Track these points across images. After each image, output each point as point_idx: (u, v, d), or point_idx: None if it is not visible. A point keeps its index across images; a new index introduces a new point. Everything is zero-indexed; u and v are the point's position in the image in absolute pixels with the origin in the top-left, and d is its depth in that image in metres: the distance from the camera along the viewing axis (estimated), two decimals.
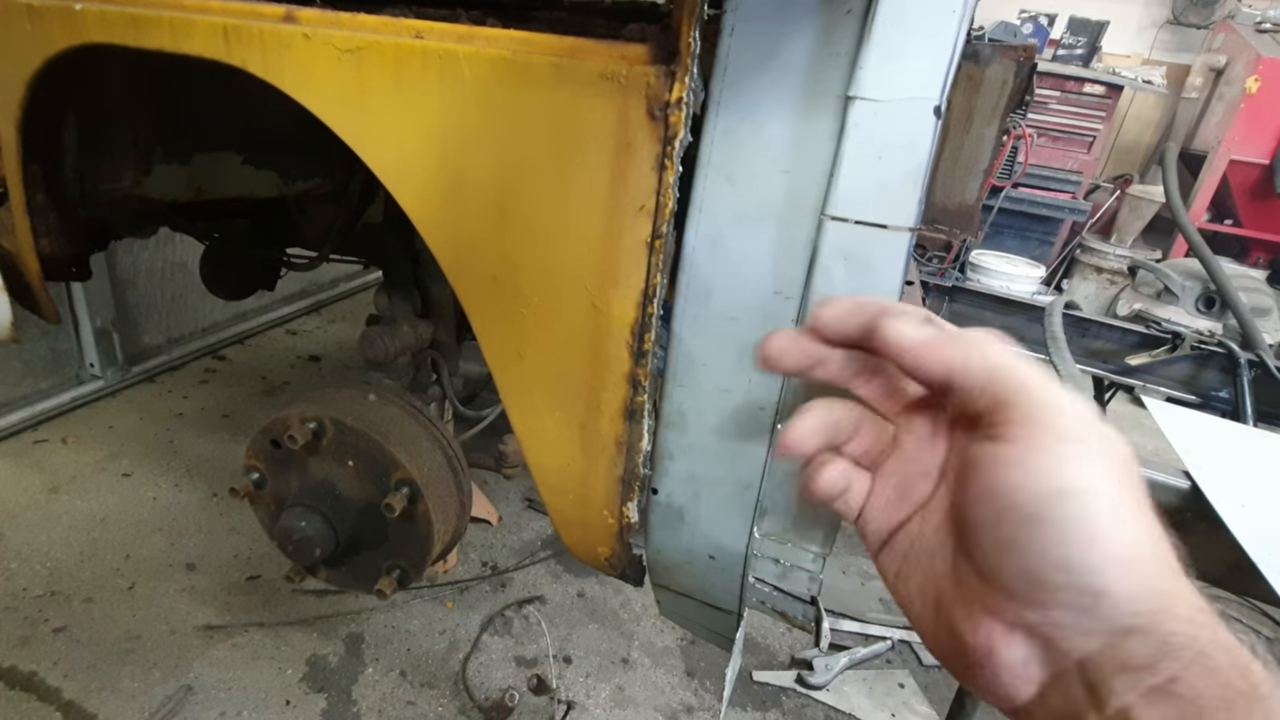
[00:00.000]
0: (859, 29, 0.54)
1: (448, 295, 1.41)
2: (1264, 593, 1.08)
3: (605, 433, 0.70)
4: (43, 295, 1.14)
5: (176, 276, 2.69)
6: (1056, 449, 0.33)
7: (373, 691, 1.61)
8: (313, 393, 1.13)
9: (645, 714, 1.64)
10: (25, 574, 1.78)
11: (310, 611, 1.78)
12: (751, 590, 0.80)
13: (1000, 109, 1.93)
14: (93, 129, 1.09)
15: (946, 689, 1.78)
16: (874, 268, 0.59)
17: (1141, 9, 5.71)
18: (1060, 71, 4.56)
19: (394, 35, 0.66)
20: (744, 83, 0.58)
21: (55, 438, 2.31)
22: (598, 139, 0.60)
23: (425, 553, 1.07)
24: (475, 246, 0.70)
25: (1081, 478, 0.32)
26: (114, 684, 1.54)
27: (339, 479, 1.07)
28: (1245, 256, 4.69)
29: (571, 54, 0.60)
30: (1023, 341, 2.20)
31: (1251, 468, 1.30)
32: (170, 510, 2.06)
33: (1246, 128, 4.28)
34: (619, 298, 0.64)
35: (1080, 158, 4.66)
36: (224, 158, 1.30)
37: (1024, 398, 0.35)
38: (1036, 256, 4.65)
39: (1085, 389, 1.36)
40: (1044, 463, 0.33)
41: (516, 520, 2.21)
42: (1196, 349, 1.95)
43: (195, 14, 0.74)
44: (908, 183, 0.56)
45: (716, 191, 0.62)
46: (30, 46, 0.85)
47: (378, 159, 0.71)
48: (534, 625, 1.83)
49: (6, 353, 2.24)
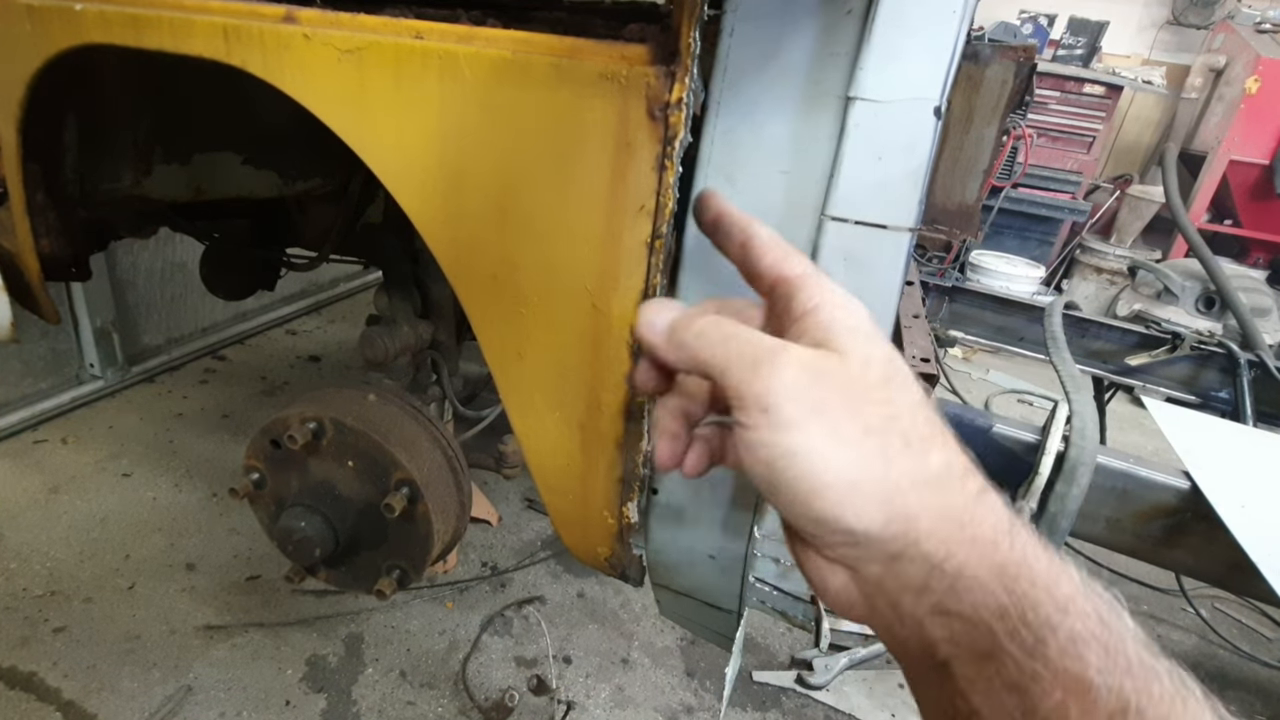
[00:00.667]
0: (859, 29, 0.54)
1: (448, 295, 1.41)
2: (1264, 592, 1.08)
3: (605, 433, 0.70)
4: (42, 295, 1.14)
5: (176, 276, 2.69)
6: (761, 421, 0.34)
7: (373, 692, 1.61)
8: (312, 393, 1.13)
9: (645, 714, 1.64)
10: (25, 574, 1.78)
11: (310, 612, 1.78)
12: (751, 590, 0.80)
13: (1000, 109, 1.93)
14: (93, 129, 1.08)
15: None
16: (874, 268, 0.59)
17: (1141, 9, 5.71)
18: (1060, 72, 4.56)
19: (394, 35, 0.66)
20: (744, 83, 0.58)
21: (55, 438, 2.31)
22: (598, 139, 0.60)
23: (425, 553, 1.07)
24: (475, 246, 0.70)
25: (785, 442, 0.34)
26: (114, 684, 1.54)
27: (339, 479, 1.07)
28: (1245, 257, 4.68)
29: (571, 54, 0.60)
30: (1022, 342, 2.21)
31: (1251, 468, 1.30)
32: (170, 510, 2.06)
33: (1246, 128, 4.28)
34: (619, 298, 0.64)
35: (1080, 158, 4.67)
36: (224, 158, 1.30)
37: (733, 375, 0.36)
38: (1036, 257, 4.65)
39: (1085, 389, 1.36)
40: (755, 437, 0.35)
41: (516, 520, 2.21)
42: (1196, 349, 1.95)
43: (195, 14, 0.74)
44: (908, 183, 0.56)
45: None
46: (30, 47, 0.85)
47: (377, 159, 0.71)
48: (534, 625, 1.83)
49: (6, 353, 2.24)
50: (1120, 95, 4.58)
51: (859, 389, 0.35)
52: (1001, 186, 4.34)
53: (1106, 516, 1.23)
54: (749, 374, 0.35)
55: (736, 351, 0.37)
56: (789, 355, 0.35)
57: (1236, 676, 1.93)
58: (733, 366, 0.36)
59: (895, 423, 0.34)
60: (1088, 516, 1.20)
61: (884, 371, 0.36)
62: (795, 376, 0.35)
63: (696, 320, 0.40)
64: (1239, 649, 2.01)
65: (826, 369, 0.35)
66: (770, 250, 0.43)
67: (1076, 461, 1.15)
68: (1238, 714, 1.62)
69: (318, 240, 1.59)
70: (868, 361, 0.36)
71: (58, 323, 1.29)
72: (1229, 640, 2.05)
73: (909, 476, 0.33)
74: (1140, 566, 2.05)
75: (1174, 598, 2.18)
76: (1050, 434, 1.22)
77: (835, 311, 0.38)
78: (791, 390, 0.34)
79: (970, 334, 2.24)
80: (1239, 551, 1.07)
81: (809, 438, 0.34)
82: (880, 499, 0.33)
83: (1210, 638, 2.07)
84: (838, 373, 0.35)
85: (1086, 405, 1.27)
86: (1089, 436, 1.19)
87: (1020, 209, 4.57)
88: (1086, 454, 1.16)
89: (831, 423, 0.34)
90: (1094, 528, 1.24)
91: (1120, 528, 1.23)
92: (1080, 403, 1.27)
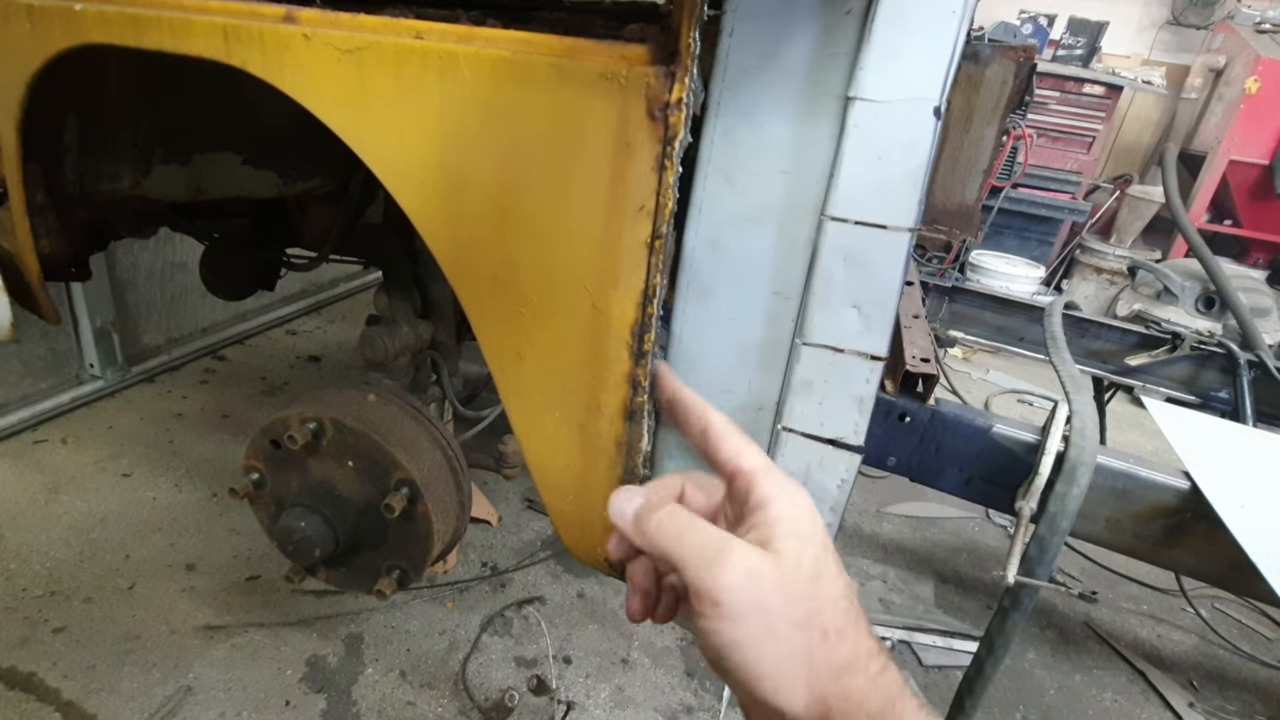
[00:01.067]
0: (859, 30, 0.54)
1: (448, 295, 1.41)
2: (1263, 593, 1.08)
3: (605, 433, 0.70)
4: (42, 295, 1.14)
5: (176, 277, 2.69)
6: (712, 613, 0.41)
7: (372, 692, 1.61)
8: (312, 393, 1.13)
9: (645, 714, 1.64)
10: (25, 574, 1.78)
11: (310, 612, 1.78)
12: None
13: (1000, 109, 1.93)
14: (93, 129, 1.08)
15: (946, 689, 1.78)
16: (873, 268, 0.59)
17: (1141, 9, 5.71)
18: (1060, 72, 4.56)
19: (394, 36, 0.66)
20: (744, 83, 0.58)
21: (55, 438, 2.30)
22: (598, 139, 0.60)
23: (425, 553, 1.07)
24: (475, 246, 0.70)
25: (731, 632, 0.41)
26: (113, 684, 1.54)
27: (339, 479, 1.07)
28: (1245, 257, 4.68)
29: (571, 54, 0.60)
30: (1022, 342, 2.21)
31: (1251, 468, 1.30)
32: (170, 510, 2.05)
33: (1246, 128, 4.28)
34: (619, 298, 0.64)
35: (1080, 158, 4.67)
36: (223, 158, 1.30)
37: (690, 569, 0.43)
38: (1036, 257, 4.65)
39: (1085, 389, 1.36)
40: (707, 626, 0.42)
41: (516, 521, 2.21)
42: (1196, 349, 1.95)
43: (195, 14, 0.74)
44: (907, 183, 0.56)
45: (716, 192, 0.62)
46: (30, 47, 0.85)
47: (378, 159, 0.71)
48: (534, 626, 1.83)
49: (6, 353, 2.24)
50: (1120, 95, 4.58)
51: (791, 587, 0.42)
52: (1001, 186, 4.34)
53: (1106, 516, 1.23)
54: (704, 571, 0.42)
55: (690, 547, 0.44)
56: (734, 555, 0.42)
57: (1236, 676, 1.93)
58: (689, 561, 0.43)
59: (817, 618, 0.42)
60: (1088, 516, 1.20)
61: (813, 569, 0.43)
62: (739, 576, 0.41)
63: (655, 512, 0.47)
64: (1239, 649, 2.01)
65: (765, 571, 0.42)
66: (727, 440, 0.50)
67: (1076, 461, 1.15)
68: (1238, 714, 1.62)
69: (318, 240, 1.59)
70: (799, 560, 0.43)
71: (57, 323, 1.29)
72: (1229, 640, 2.05)
73: (825, 664, 0.41)
74: (1140, 566, 2.05)
75: (1174, 598, 2.18)
76: (1050, 434, 1.22)
77: (780, 509, 0.45)
78: (736, 591, 0.41)
79: (970, 334, 2.24)
80: (1239, 551, 1.07)
81: (750, 630, 0.41)
82: (803, 684, 0.40)
83: (1210, 638, 2.07)
84: (774, 573, 0.42)
85: (1086, 405, 1.27)
86: (1089, 436, 1.19)
87: (1020, 209, 4.57)
88: (1086, 454, 1.16)
89: (768, 619, 0.41)
90: (1094, 528, 1.24)
91: (1120, 528, 1.23)
92: (1080, 403, 1.27)
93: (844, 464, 0.70)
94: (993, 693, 1.59)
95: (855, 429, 0.66)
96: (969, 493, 1.33)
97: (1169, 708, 1.78)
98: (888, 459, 1.35)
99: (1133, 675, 1.89)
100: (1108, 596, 2.22)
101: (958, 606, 2.10)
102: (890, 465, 1.36)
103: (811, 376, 0.65)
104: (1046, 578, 1.14)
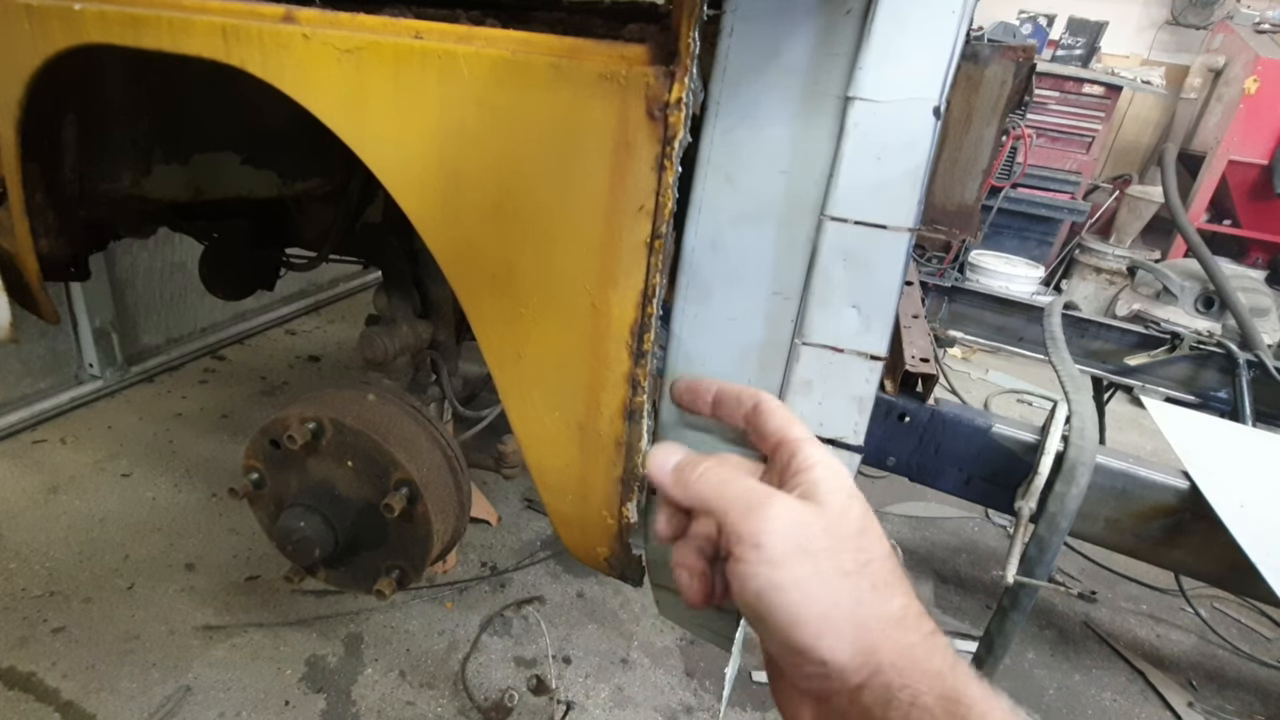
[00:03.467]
0: (858, 29, 0.54)
1: (447, 295, 1.41)
2: (1263, 592, 1.08)
3: (604, 433, 0.70)
4: (41, 295, 1.14)
5: (176, 276, 2.69)
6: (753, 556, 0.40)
7: (372, 692, 1.61)
8: (312, 393, 1.13)
9: (644, 714, 1.64)
10: (24, 574, 1.78)
11: (309, 612, 1.78)
12: None
13: (999, 109, 1.93)
14: (92, 129, 1.08)
15: None
16: (873, 268, 0.59)
17: (1140, 9, 5.71)
18: (1059, 72, 4.56)
19: (393, 35, 0.66)
20: (744, 83, 0.58)
21: (54, 438, 2.30)
22: (597, 139, 0.60)
23: (424, 553, 1.07)
24: (474, 246, 0.70)
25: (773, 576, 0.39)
26: (113, 684, 1.54)
27: (338, 479, 1.07)
28: (1244, 257, 4.69)
29: (571, 54, 0.60)
30: (1022, 342, 2.21)
31: (1250, 468, 1.30)
32: (169, 510, 2.05)
33: (1245, 128, 4.28)
34: (618, 298, 0.64)
35: (1079, 158, 4.67)
36: (223, 158, 1.30)
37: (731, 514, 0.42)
38: (1035, 257, 4.65)
39: (1084, 389, 1.36)
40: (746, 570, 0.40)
41: (516, 520, 2.21)
42: (1195, 349, 1.95)
43: (194, 14, 0.74)
44: (907, 183, 0.56)
45: (716, 192, 0.62)
46: (29, 46, 0.85)
47: (377, 159, 0.71)
48: (533, 625, 1.83)
49: (6, 353, 2.24)
50: (1119, 95, 4.58)
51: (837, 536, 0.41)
52: (1001, 186, 4.34)
53: (1106, 516, 1.23)
54: (745, 515, 0.41)
55: (733, 494, 0.43)
56: (779, 502, 0.42)
57: (1236, 676, 1.93)
58: (731, 507, 0.42)
59: (867, 568, 0.40)
60: (1087, 516, 1.20)
61: (860, 524, 0.42)
62: (784, 520, 0.41)
63: (700, 463, 0.47)
64: (1238, 649, 2.01)
65: (811, 517, 0.41)
66: (778, 413, 0.51)
67: (1076, 461, 1.15)
68: (1237, 713, 1.62)
69: (317, 240, 1.59)
70: (845, 514, 0.42)
71: (57, 323, 1.29)
72: (1228, 640, 2.05)
73: (875, 615, 0.39)
74: (1140, 566, 2.05)
75: (1174, 598, 2.18)
76: (1050, 434, 1.22)
77: (825, 471, 0.45)
78: (780, 532, 0.40)
79: (969, 334, 2.24)
80: (1238, 551, 1.07)
81: (793, 574, 0.39)
82: (850, 633, 0.38)
83: (1210, 638, 2.07)
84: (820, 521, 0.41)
85: (1086, 405, 1.27)
86: (1088, 436, 1.19)
87: (1019, 209, 4.57)
88: (1086, 454, 1.16)
89: (813, 563, 0.39)
90: (1093, 527, 1.24)
91: (1120, 528, 1.23)
92: (1079, 403, 1.27)
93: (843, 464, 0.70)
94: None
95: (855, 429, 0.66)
96: (968, 493, 1.33)
97: (1168, 707, 1.78)
98: (887, 459, 1.36)
99: (1132, 675, 1.90)
100: (1107, 596, 2.22)
101: (957, 606, 2.11)
102: (890, 465, 1.36)
103: (811, 376, 0.65)
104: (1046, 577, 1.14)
